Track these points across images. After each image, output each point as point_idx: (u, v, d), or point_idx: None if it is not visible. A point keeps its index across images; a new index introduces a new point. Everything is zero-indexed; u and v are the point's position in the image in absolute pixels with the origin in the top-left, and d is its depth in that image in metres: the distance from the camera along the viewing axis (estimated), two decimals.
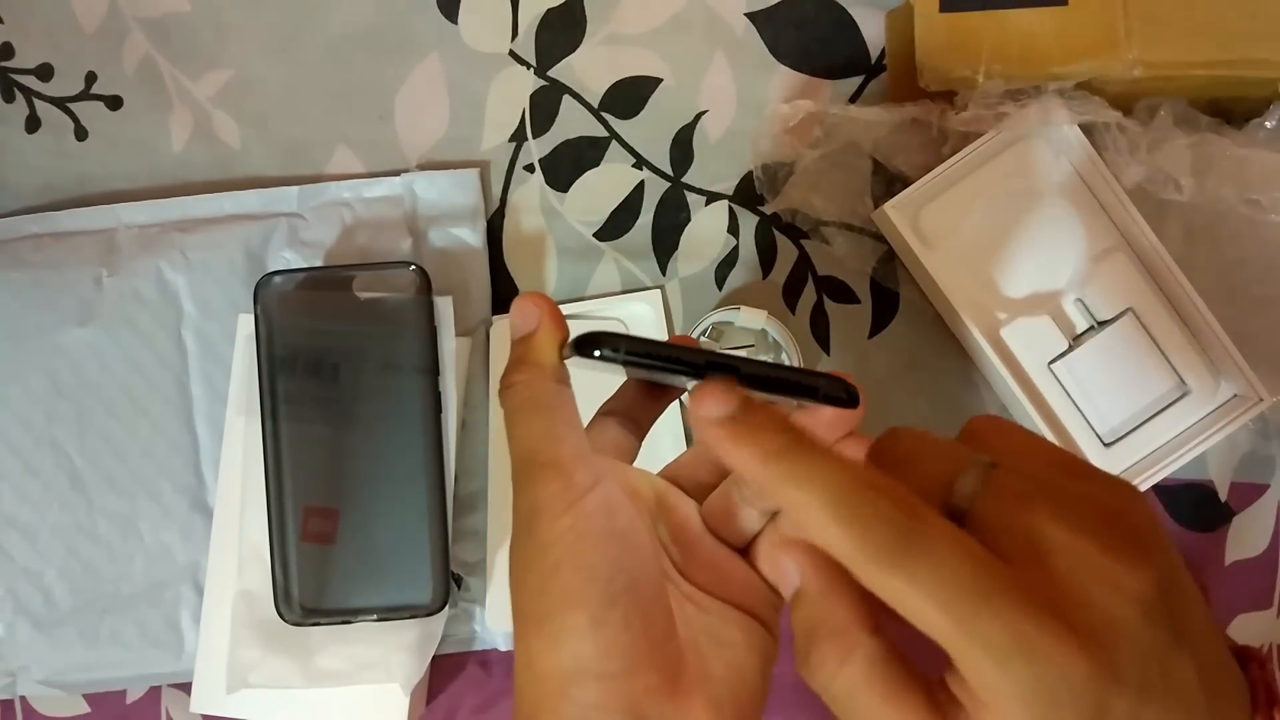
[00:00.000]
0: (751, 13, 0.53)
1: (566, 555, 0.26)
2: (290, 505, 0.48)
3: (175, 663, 0.51)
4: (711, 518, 0.31)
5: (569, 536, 0.26)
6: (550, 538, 0.26)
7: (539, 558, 0.26)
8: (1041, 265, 0.48)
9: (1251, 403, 0.46)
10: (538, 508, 0.27)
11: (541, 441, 0.28)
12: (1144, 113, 0.46)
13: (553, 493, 0.27)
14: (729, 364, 0.26)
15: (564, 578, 0.26)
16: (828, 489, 0.22)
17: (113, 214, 0.53)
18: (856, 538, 0.22)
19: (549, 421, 0.28)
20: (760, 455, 0.24)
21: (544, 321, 0.30)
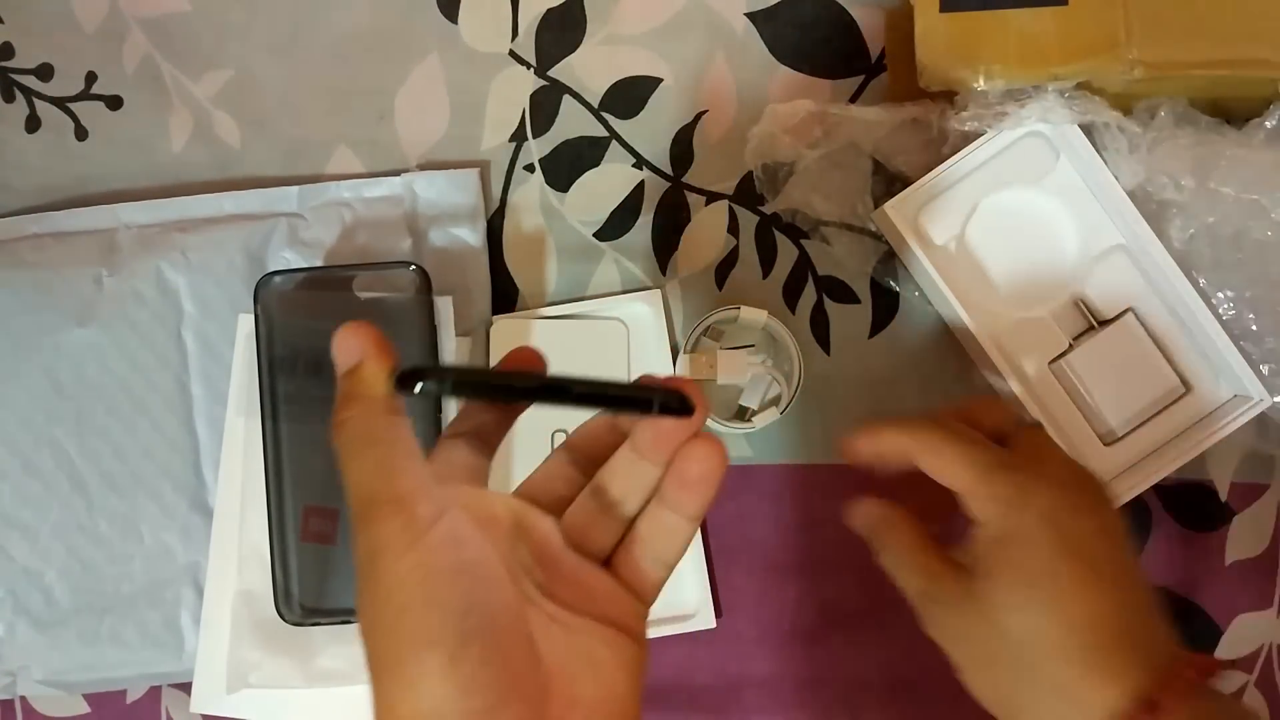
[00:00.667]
0: (751, 13, 0.53)
1: (415, 594, 0.25)
2: (290, 505, 0.48)
3: (175, 663, 0.51)
4: (571, 532, 0.31)
5: (415, 575, 0.25)
6: (395, 578, 0.25)
7: (386, 600, 0.25)
8: (1041, 265, 0.48)
9: (1251, 403, 0.46)
10: (379, 548, 0.26)
11: (377, 478, 0.27)
12: (1144, 113, 0.46)
13: (394, 530, 0.26)
14: (559, 386, 0.26)
15: (414, 618, 0.25)
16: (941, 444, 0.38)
17: (113, 214, 0.53)
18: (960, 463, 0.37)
19: (384, 456, 0.27)
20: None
21: (369, 352, 0.29)
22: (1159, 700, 0.32)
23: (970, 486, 0.36)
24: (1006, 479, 0.36)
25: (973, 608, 0.35)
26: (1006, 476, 0.36)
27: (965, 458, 0.37)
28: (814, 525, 0.51)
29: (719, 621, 0.51)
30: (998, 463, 0.36)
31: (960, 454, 0.37)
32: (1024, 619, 0.34)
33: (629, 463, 0.30)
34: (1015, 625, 0.34)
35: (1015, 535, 0.35)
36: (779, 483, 0.52)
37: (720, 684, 0.51)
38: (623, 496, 0.31)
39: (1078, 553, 0.34)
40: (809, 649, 0.51)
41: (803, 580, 0.51)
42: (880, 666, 0.51)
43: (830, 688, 0.51)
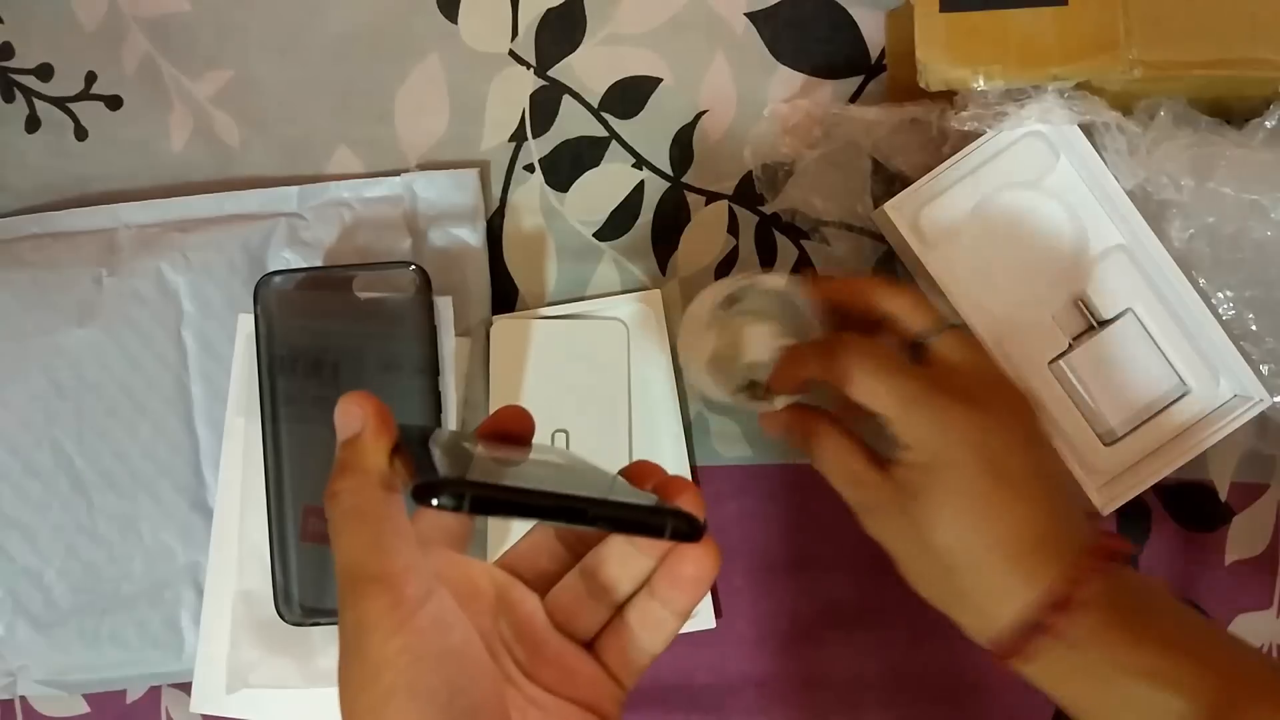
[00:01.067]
0: (751, 13, 0.53)
1: (400, 679, 0.25)
2: (290, 505, 0.48)
3: (175, 663, 0.51)
4: (556, 612, 0.31)
5: (402, 659, 0.25)
6: (381, 659, 0.25)
7: (371, 680, 0.25)
8: (1041, 265, 0.48)
9: (1251, 403, 0.46)
10: (366, 625, 0.26)
11: (368, 554, 0.27)
12: (1144, 113, 0.46)
13: (381, 609, 0.26)
14: (576, 508, 0.26)
15: (399, 703, 0.25)
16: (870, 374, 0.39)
17: (113, 214, 0.53)
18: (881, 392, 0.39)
19: (375, 532, 0.27)
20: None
21: (369, 424, 0.29)
22: (1070, 593, 0.35)
23: (894, 413, 0.38)
24: (927, 406, 0.38)
25: (905, 521, 0.38)
26: (927, 403, 0.38)
27: (885, 386, 0.38)
28: (814, 525, 0.51)
29: (719, 622, 0.51)
30: (918, 390, 0.38)
31: (881, 382, 0.38)
32: (949, 537, 0.37)
33: (622, 552, 0.30)
34: (941, 541, 0.37)
35: (938, 460, 0.37)
36: (779, 483, 0.52)
37: (720, 684, 0.51)
38: (613, 583, 0.30)
39: (999, 472, 0.37)
40: (809, 649, 0.51)
41: (802, 580, 0.51)
42: (880, 666, 0.51)
43: (830, 688, 0.51)
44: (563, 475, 0.31)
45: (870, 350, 0.39)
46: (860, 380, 0.39)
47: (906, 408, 0.38)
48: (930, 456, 0.38)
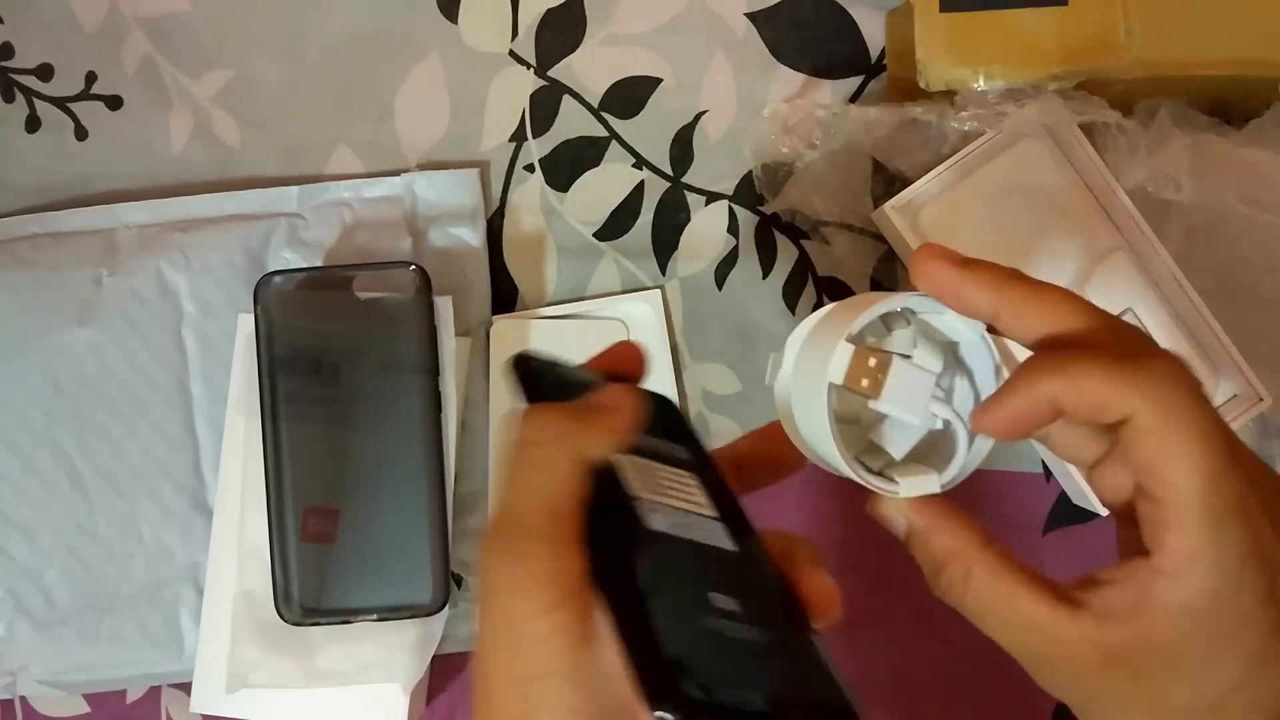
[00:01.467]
0: (751, 13, 0.53)
1: (558, 661, 0.23)
2: (290, 505, 0.48)
3: (175, 663, 0.51)
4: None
5: (561, 639, 0.23)
6: (537, 633, 0.23)
7: (524, 652, 0.24)
8: (1041, 265, 0.48)
9: (1251, 403, 0.46)
10: (520, 589, 0.24)
11: (543, 509, 0.25)
12: (1144, 113, 0.46)
13: (544, 576, 0.24)
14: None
15: (556, 686, 0.23)
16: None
17: (113, 214, 0.53)
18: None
19: (561, 488, 0.25)
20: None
21: (629, 421, 0.27)
22: None
23: (1195, 504, 0.23)
24: (1244, 510, 0.24)
25: (1129, 688, 0.25)
26: (1245, 505, 0.24)
27: (1205, 447, 0.23)
28: (815, 525, 0.51)
29: None
30: (1232, 461, 0.24)
31: (1201, 435, 0.23)
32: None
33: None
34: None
35: (1227, 601, 0.23)
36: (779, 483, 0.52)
37: None
38: None
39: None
40: None
41: None
42: (880, 667, 0.51)
43: None
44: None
45: (1184, 372, 0.24)
46: (1161, 420, 0.23)
47: (1218, 486, 0.23)
48: (1219, 585, 0.23)
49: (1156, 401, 0.24)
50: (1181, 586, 0.24)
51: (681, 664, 0.22)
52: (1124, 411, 0.24)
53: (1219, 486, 0.23)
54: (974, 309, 0.27)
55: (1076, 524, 0.50)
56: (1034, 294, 0.26)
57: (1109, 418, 0.24)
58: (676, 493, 0.28)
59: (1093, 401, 0.24)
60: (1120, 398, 0.24)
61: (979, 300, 0.27)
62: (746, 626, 0.24)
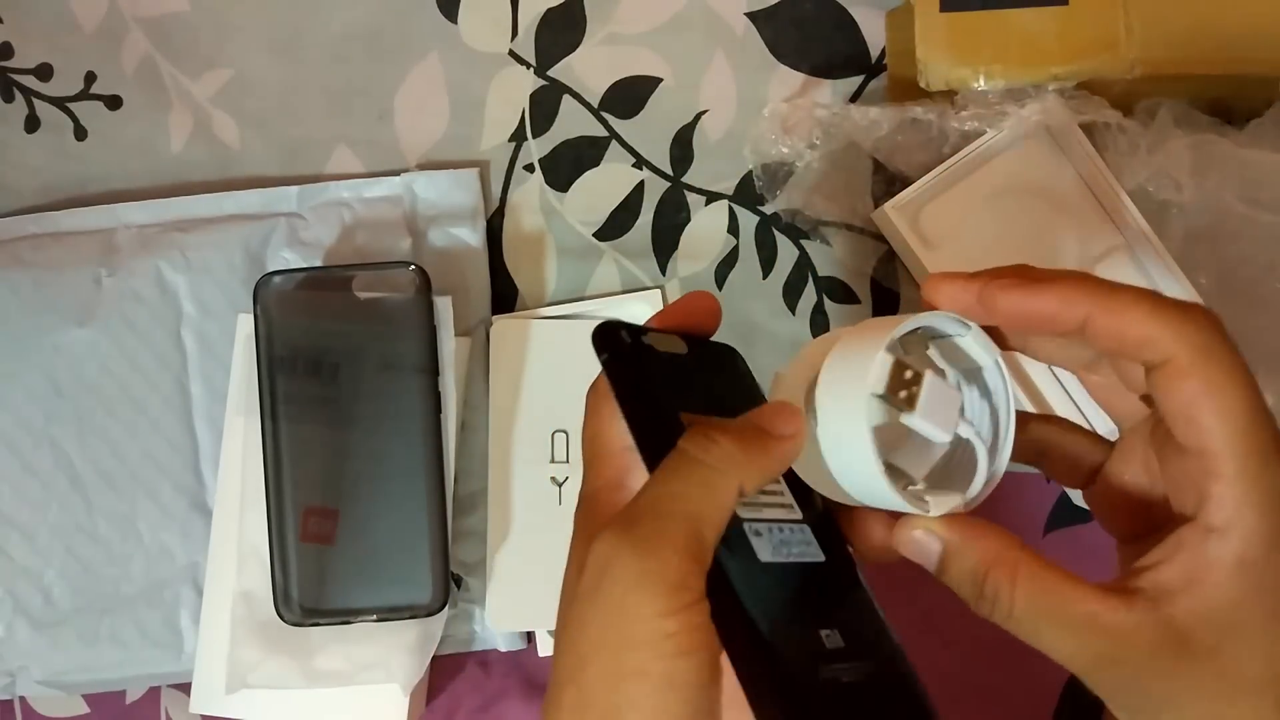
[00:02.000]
0: (751, 12, 0.53)
1: (660, 665, 0.23)
2: (290, 505, 0.48)
3: (175, 663, 0.51)
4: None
5: (668, 645, 0.23)
6: (647, 635, 0.23)
7: (627, 648, 0.24)
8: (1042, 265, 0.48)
9: None
10: (639, 586, 0.23)
11: (687, 520, 0.24)
12: (1144, 113, 0.46)
13: (668, 582, 0.23)
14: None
15: (652, 688, 0.23)
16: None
17: (112, 214, 0.53)
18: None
19: (709, 510, 0.25)
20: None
21: (759, 472, 0.26)
22: None
23: (1235, 465, 0.23)
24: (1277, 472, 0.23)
25: (1186, 670, 0.24)
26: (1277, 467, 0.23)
27: (1244, 409, 0.23)
28: None
29: None
30: (1273, 440, 0.23)
31: (1240, 397, 0.23)
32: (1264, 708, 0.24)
33: None
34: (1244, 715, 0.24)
35: (1275, 571, 0.23)
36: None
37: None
38: None
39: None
40: None
41: None
42: None
43: None
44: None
45: (1219, 326, 0.24)
46: (1201, 365, 0.24)
47: (1263, 457, 0.23)
48: (1266, 550, 0.23)
49: (1195, 347, 0.23)
50: (1234, 538, 0.23)
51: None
52: (1164, 353, 0.24)
53: (1258, 430, 0.23)
54: (1000, 313, 0.27)
55: (1077, 524, 0.50)
56: (1049, 285, 0.26)
57: (1146, 356, 0.24)
58: (771, 497, 0.27)
59: (1134, 336, 0.24)
60: (1161, 337, 0.24)
61: (1006, 303, 0.27)
62: (854, 665, 0.25)
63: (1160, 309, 0.24)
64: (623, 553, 0.24)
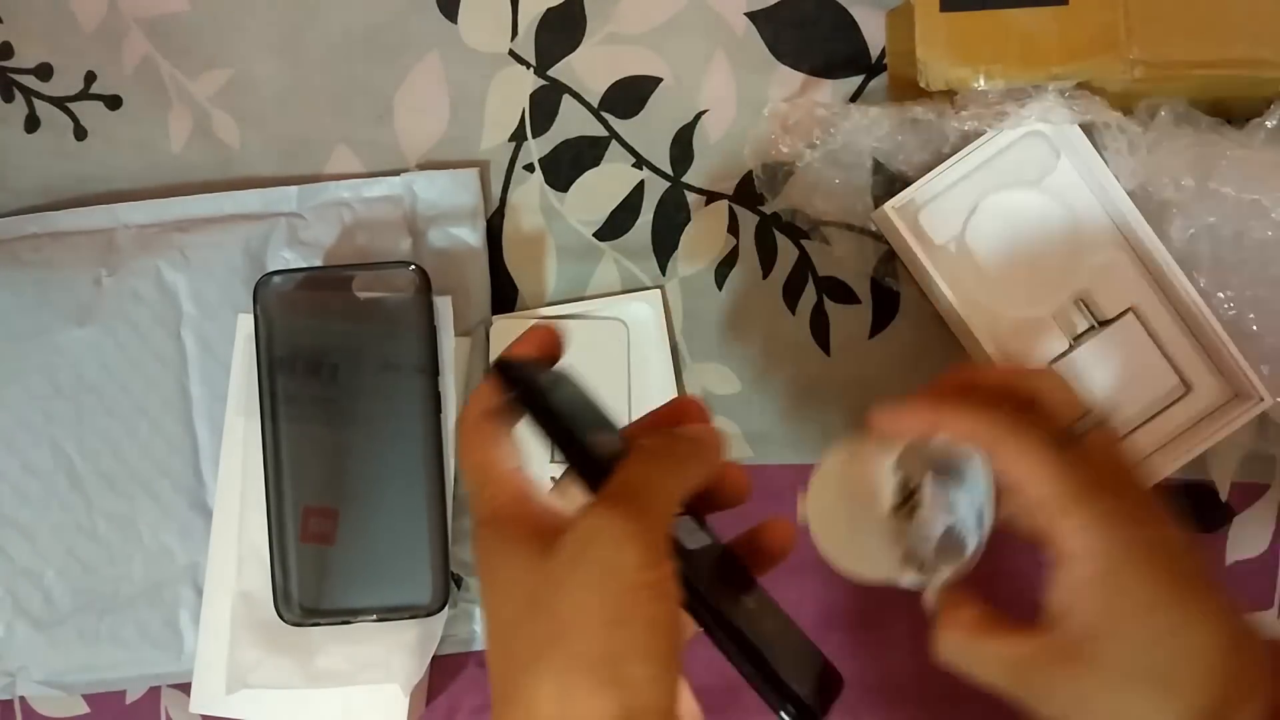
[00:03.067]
0: (751, 12, 0.53)
1: (643, 609, 0.27)
2: (290, 505, 0.48)
3: (175, 663, 0.51)
4: None
5: (650, 592, 0.27)
6: (632, 583, 0.27)
7: (614, 598, 0.27)
8: (1042, 265, 0.48)
9: (1251, 403, 0.46)
10: (626, 546, 0.27)
11: (664, 495, 0.29)
12: (1144, 113, 0.46)
13: (649, 543, 0.28)
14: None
15: (637, 630, 0.27)
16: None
17: (112, 214, 0.53)
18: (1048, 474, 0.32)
19: (678, 488, 0.30)
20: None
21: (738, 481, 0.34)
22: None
23: (1061, 506, 0.31)
24: (1099, 501, 0.31)
25: (1084, 672, 0.30)
26: (1098, 497, 0.31)
27: (1053, 468, 0.32)
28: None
29: None
30: (1088, 479, 0.32)
31: (1045, 458, 0.32)
32: (1146, 687, 0.30)
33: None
34: (1135, 697, 0.30)
35: (1118, 577, 0.31)
36: (779, 483, 0.52)
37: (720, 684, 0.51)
38: None
39: (1188, 591, 0.31)
40: None
41: (803, 580, 0.51)
42: (880, 667, 0.51)
43: None
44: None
45: (1030, 420, 0.33)
46: (1017, 450, 0.32)
47: (1076, 499, 0.31)
48: (1105, 571, 0.31)
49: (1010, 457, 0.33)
50: (1083, 559, 0.31)
51: (794, 682, 0.29)
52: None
53: (1072, 472, 0.32)
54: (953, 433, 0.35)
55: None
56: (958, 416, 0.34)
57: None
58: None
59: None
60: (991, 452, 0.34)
61: (950, 427, 0.35)
62: (767, 617, 0.30)
63: (971, 413, 0.33)
64: (613, 520, 0.28)
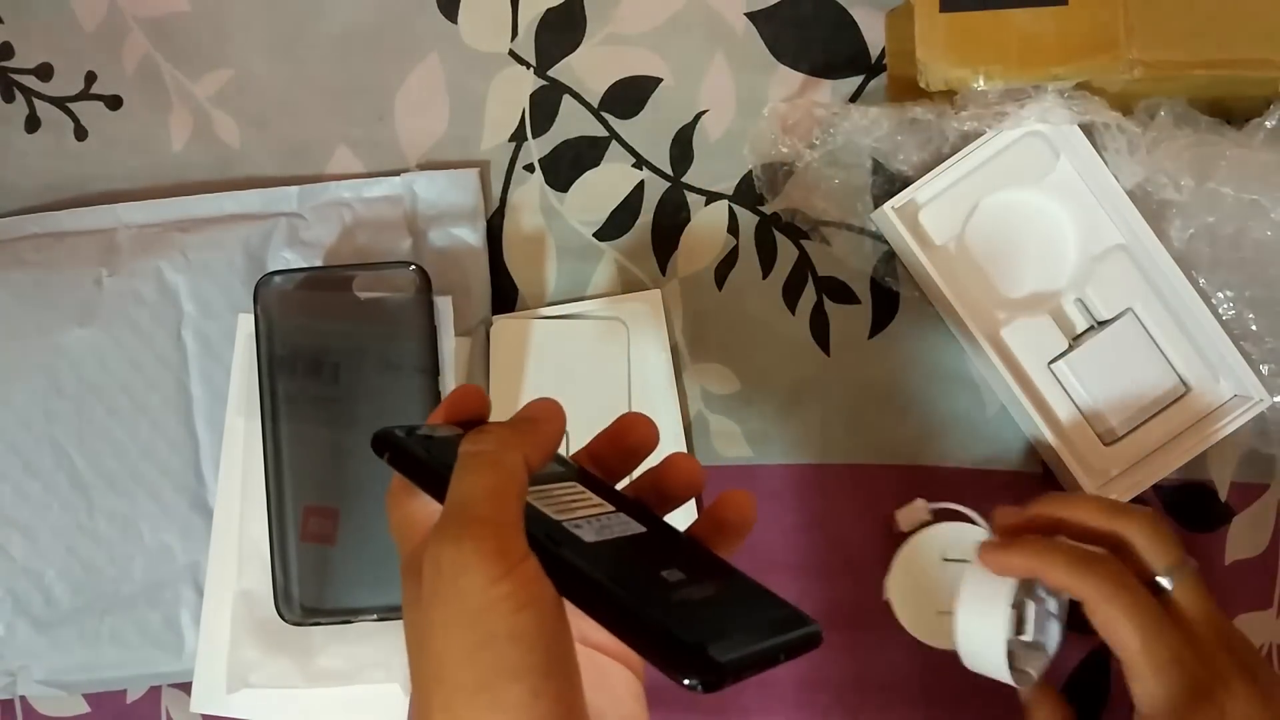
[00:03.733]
0: (751, 13, 0.53)
1: (502, 625, 0.26)
2: (290, 505, 0.48)
3: (175, 663, 0.51)
4: None
5: (506, 604, 0.26)
6: (484, 602, 0.26)
7: (470, 624, 0.26)
8: (1041, 265, 0.48)
9: (1251, 403, 0.46)
10: (469, 566, 0.26)
11: (487, 497, 0.27)
12: (1144, 113, 0.46)
13: (489, 553, 0.26)
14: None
15: (502, 648, 0.26)
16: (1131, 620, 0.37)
17: (113, 214, 0.53)
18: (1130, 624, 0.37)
19: (501, 482, 0.28)
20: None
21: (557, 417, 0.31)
22: None
23: (1137, 659, 0.36)
24: (1178, 660, 0.36)
25: None
26: (1178, 655, 0.36)
27: (1134, 623, 0.36)
28: (814, 525, 0.51)
29: None
30: (1175, 642, 0.36)
31: (1129, 617, 0.36)
32: None
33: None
34: None
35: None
36: (779, 483, 0.52)
37: None
38: None
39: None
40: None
41: (803, 580, 0.51)
42: (880, 667, 0.51)
43: (830, 688, 0.51)
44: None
45: (1120, 572, 0.37)
46: (1110, 616, 0.36)
47: (1156, 669, 0.36)
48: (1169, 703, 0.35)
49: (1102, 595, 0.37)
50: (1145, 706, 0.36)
51: (689, 640, 0.25)
52: (1081, 596, 0.37)
53: (1153, 644, 0.36)
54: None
55: None
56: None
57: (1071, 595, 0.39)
58: (579, 504, 0.31)
59: (1055, 584, 0.39)
60: (1080, 589, 0.37)
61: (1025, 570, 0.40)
62: (699, 585, 0.28)
63: (1072, 568, 0.37)
64: (445, 548, 0.27)
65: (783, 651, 0.27)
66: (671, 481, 0.33)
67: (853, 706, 0.51)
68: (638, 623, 0.26)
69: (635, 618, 0.26)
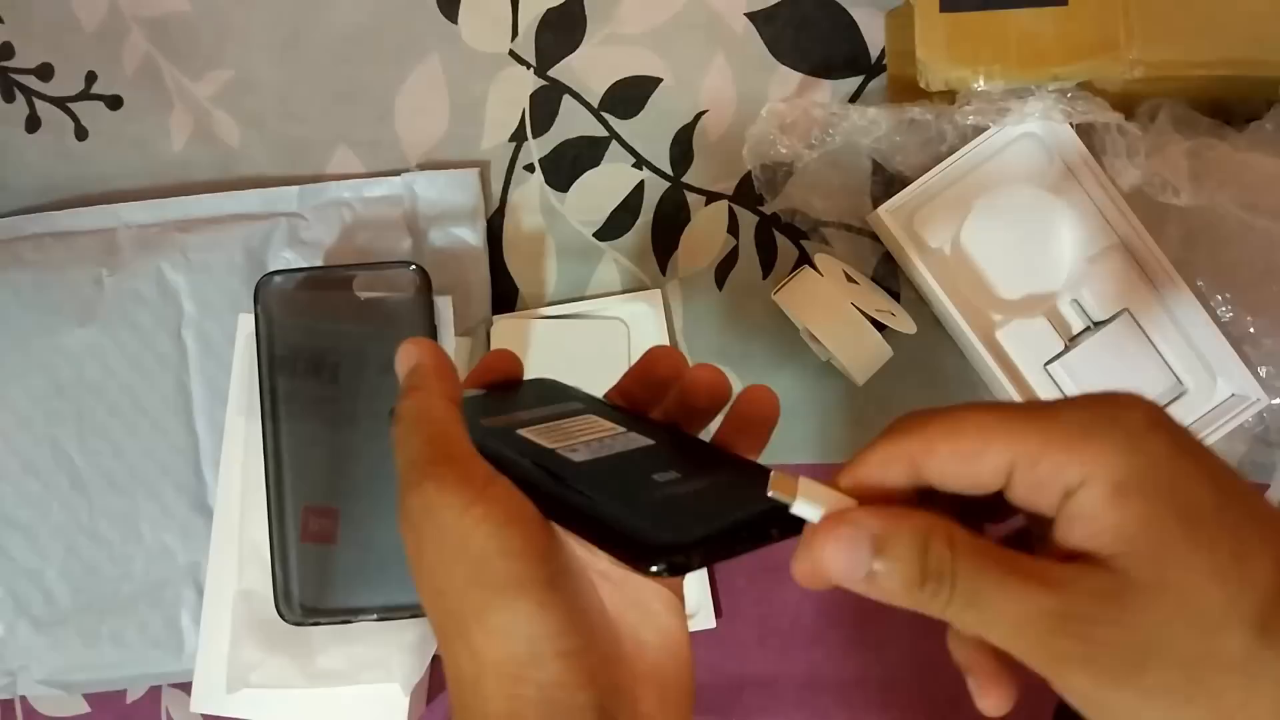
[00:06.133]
0: (751, 13, 0.53)
1: (490, 544, 0.25)
2: (290, 505, 0.48)
3: (175, 663, 0.51)
4: None
5: (485, 526, 0.25)
6: (463, 530, 0.25)
7: (458, 553, 0.26)
8: (1038, 266, 0.48)
9: (1250, 403, 0.46)
10: (438, 504, 0.26)
11: (430, 446, 0.27)
12: (1144, 114, 0.46)
13: (452, 486, 0.26)
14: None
15: (496, 566, 0.25)
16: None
17: (113, 214, 0.53)
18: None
19: (439, 430, 0.28)
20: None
21: (428, 356, 0.31)
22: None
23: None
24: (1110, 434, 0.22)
25: (1156, 609, 0.22)
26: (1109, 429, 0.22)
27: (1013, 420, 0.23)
28: None
29: (719, 621, 0.51)
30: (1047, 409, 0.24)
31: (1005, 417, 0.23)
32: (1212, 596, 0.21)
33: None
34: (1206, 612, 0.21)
35: (1143, 476, 0.22)
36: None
37: (720, 684, 0.51)
38: None
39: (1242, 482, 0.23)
40: (809, 649, 0.51)
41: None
42: (880, 666, 0.51)
43: (830, 688, 0.51)
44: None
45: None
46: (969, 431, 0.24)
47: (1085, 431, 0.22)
48: (1129, 475, 0.22)
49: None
50: (1098, 482, 0.22)
51: (650, 528, 0.25)
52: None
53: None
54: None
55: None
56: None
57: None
58: (584, 431, 0.31)
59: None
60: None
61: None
62: (691, 482, 0.28)
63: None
64: (412, 500, 0.27)
65: (746, 528, 0.24)
66: (694, 394, 0.32)
67: (853, 705, 0.51)
68: (594, 520, 0.26)
69: (590, 517, 0.26)
